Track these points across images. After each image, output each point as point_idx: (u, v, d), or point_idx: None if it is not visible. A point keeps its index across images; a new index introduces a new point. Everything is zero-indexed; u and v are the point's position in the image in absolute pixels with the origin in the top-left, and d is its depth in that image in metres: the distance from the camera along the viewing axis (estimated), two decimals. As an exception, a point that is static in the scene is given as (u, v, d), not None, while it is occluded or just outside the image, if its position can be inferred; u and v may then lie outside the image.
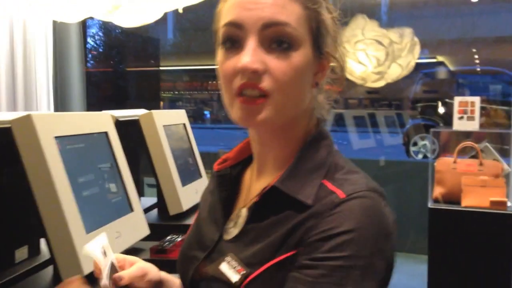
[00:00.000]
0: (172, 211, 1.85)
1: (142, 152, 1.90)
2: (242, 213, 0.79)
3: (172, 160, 1.88)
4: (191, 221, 1.86)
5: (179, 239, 1.54)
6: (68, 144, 1.27)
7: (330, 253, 0.66)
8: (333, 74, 0.81)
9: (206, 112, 11.76)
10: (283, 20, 0.70)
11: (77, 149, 1.31)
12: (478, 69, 10.10)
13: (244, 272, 0.71)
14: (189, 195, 1.95)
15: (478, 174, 2.79)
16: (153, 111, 1.87)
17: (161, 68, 10.60)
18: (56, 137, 1.21)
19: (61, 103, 3.89)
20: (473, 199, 2.74)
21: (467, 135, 3.08)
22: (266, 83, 0.70)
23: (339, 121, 6.92)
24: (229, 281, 0.72)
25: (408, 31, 4.11)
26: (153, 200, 2.12)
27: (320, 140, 0.79)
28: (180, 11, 1.83)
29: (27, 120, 1.15)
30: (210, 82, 11.58)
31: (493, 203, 2.68)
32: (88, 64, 8.40)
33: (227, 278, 0.72)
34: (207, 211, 0.88)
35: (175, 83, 11.75)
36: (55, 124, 1.24)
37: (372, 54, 4.19)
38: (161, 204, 1.92)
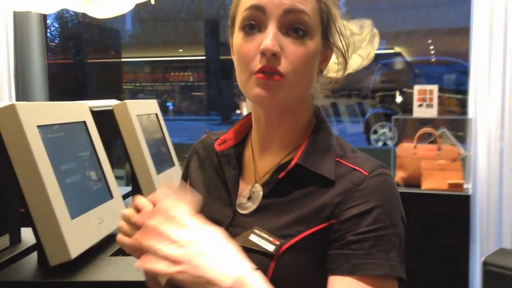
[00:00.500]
0: (148, 198, 1.89)
1: (112, 143, 1.92)
2: (256, 188, 0.84)
3: (146, 149, 1.91)
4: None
5: (158, 224, 1.58)
6: (49, 133, 1.29)
7: (371, 226, 0.74)
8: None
9: (169, 104, 11.68)
10: (302, 8, 0.76)
11: (58, 138, 1.34)
12: (433, 59, 10.42)
13: (279, 242, 0.76)
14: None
15: (436, 158, 2.93)
16: (126, 101, 1.89)
17: (122, 59, 10.45)
18: (39, 126, 1.24)
19: (22, 95, 3.83)
20: (432, 182, 2.88)
21: (425, 122, 3.23)
22: (283, 66, 0.76)
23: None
24: (264, 250, 0.76)
25: (367, 23, 4.22)
26: (126, 189, 2.15)
27: (323, 123, 0.87)
28: (153, 2, 1.86)
29: (11, 110, 1.18)
30: (172, 74, 11.51)
31: (451, 185, 2.84)
32: (46, 56, 8.19)
33: (261, 247, 0.76)
34: (206, 188, 0.91)
35: (136, 74, 11.63)
36: (37, 114, 1.26)
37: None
38: (136, 192, 1.96)
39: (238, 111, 10.81)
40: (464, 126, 3.14)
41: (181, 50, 11.93)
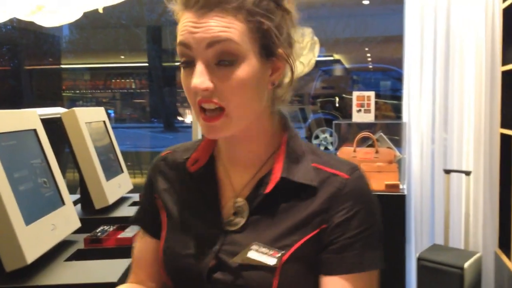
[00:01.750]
0: (98, 205, 1.91)
1: (60, 151, 1.93)
2: (240, 203, 0.85)
3: (95, 156, 1.93)
4: (116, 213, 1.94)
5: (111, 229, 1.62)
6: (2, 141, 1.31)
7: (360, 228, 0.80)
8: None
9: (110, 111, 11.47)
10: (225, 37, 0.75)
11: (11, 146, 1.35)
12: (370, 66, 10.84)
13: (279, 254, 0.78)
14: (113, 189, 2.02)
15: (374, 161, 3.10)
16: (75, 108, 1.91)
17: (61, 66, 10.18)
18: (-8, 135, 1.25)
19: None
20: (371, 183, 3.04)
21: (364, 126, 3.39)
22: (218, 99, 0.77)
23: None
24: (265, 265, 0.78)
25: (308, 31, 4.35)
26: (74, 196, 2.15)
27: (292, 131, 0.89)
28: (100, 11, 1.88)
29: (-36, 118, 1.19)
30: (113, 81, 11.31)
31: (388, 186, 3.01)
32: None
33: (263, 263, 0.78)
34: (186, 208, 0.89)
35: (76, 81, 11.35)
36: (-10, 122, 1.27)
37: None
38: (84, 199, 1.97)
39: (180, 118, 10.78)
40: (399, 130, 3.33)
41: (122, 57, 11.77)
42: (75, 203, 2.11)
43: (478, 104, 3.02)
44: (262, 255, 0.79)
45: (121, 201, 2.11)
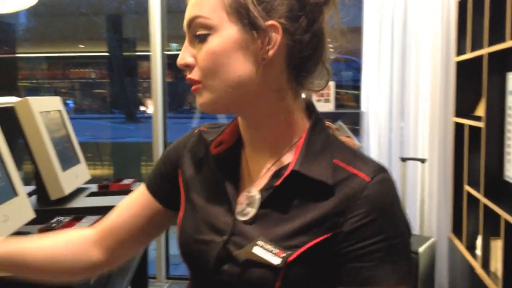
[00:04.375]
0: (54, 195, 1.87)
1: (13, 142, 1.88)
2: (253, 194, 0.81)
3: (51, 146, 1.89)
4: (73, 204, 1.91)
5: (66, 220, 1.59)
6: (-51, 130, 1.27)
7: (378, 236, 0.73)
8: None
9: (69, 102, 11.21)
10: (195, 14, 0.77)
11: (-41, 135, 1.31)
12: (332, 57, 10.95)
13: (284, 254, 0.73)
14: (70, 179, 1.98)
15: (334, 150, 3.15)
16: (28, 97, 1.86)
17: (16, 55, 9.87)
18: None
19: None
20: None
21: (325, 116, 3.43)
22: (193, 73, 0.79)
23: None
24: (269, 264, 0.73)
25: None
26: (30, 188, 2.10)
27: (319, 122, 0.83)
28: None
29: None
30: (72, 70, 11.06)
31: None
32: None
33: (266, 261, 0.74)
34: (202, 191, 0.87)
35: (33, 71, 11.03)
36: None
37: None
38: (40, 191, 1.93)
39: (142, 108, 10.64)
40: (358, 120, 3.39)
41: (81, 46, 11.50)
42: (30, 194, 2.06)
43: (434, 94, 3.10)
44: (267, 253, 0.74)
45: (78, 191, 2.08)
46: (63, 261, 0.95)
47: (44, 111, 1.95)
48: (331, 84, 3.37)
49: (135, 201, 0.96)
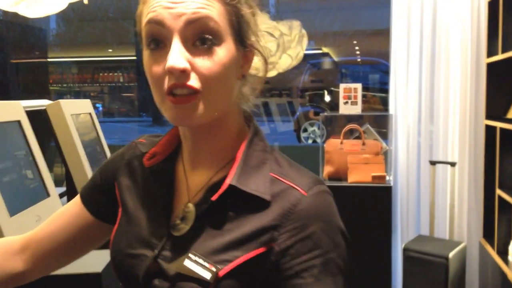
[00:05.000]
0: (84, 197, 1.91)
1: (45, 143, 1.92)
2: (189, 208, 0.78)
3: (81, 148, 1.93)
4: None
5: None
6: (-15, 132, 1.30)
7: (316, 251, 0.71)
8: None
9: (98, 105, 11.40)
10: (205, 14, 0.70)
11: (-6, 137, 1.35)
12: (359, 60, 10.88)
13: (215, 269, 0.71)
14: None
15: (361, 152, 3.12)
16: (60, 100, 1.90)
17: (48, 59, 10.10)
18: (-26, 126, 1.25)
19: None
20: (358, 175, 3.06)
21: (352, 118, 3.42)
22: (194, 81, 0.70)
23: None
24: (200, 277, 0.71)
25: (296, 24, 4.37)
26: (61, 189, 2.15)
27: (257, 134, 0.81)
28: (86, 2, 1.87)
29: None
30: (101, 74, 11.24)
31: (374, 177, 3.03)
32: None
33: (197, 274, 0.71)
34: (138, 205, 0.84)
35: (63, 75, 11.27)
36: (-28, 113, 1.27)
37: (264, 46, 4.41)
38: (70, 192, 1.97)
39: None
40: (386, 122, 3.35)
41: (110, 50, 11.70)
42: (61, 195, 2.10)
43: (464, 96, 3.05)
44: (197, 266, 0.72)
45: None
46: None
47: (75, 113, 1.99)
48: (358, 86, 3.34)
49: (66, 212, 0.92)
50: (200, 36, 0.70)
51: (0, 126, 1.40)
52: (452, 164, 2.99)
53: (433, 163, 3.05)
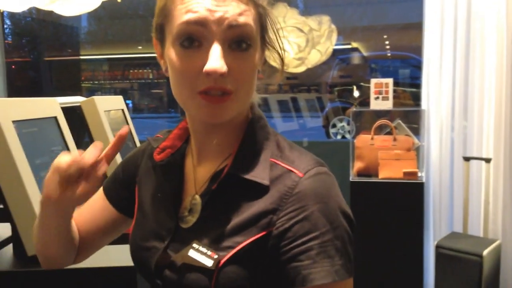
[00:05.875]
0: (118, 192, 1.94)
1: (79, 139, 1.95)
2: (196, 200, 0.81)
3: (114, 144, 1.95)
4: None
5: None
6: (24, 128, 1.33)
7: (313, 233, 0.71)
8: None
9: (128, 102, 11.56)
10: (245, 21, 0.72)
11: (32, 133, 1.38)
12: (389, 54, 10.73)
13: (217, 256, 0.73)
14: (132, 177, 2.04)
15: (392, 148, 3.08)
16: (94, 97, 1.93)
17: (80, 57, 10.29)
18: (14, 121, 1.28)
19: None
20: (389, 171, 3.03)
21: (381, 114, 3.37)
22: (230, 84, 0.72)
23: (263, 105, 7.13)
24: (203, 266, 0.73)
25: (325, 19, 4.34)
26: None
27: (258, 122, 0.82)
28: (119, 0, 1.90)
29: (-14, 106, 1.21)
30: (131, 71, 11.39)
31: (406, 173, 2.99)
32: None
33: (200, 263, 0.73)
34: (150, 199, 0.88)
35: (94, 72, 11.46)
36: (12, 109, 1.30)
37: (293, 41, 4.39)
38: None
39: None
40: (418, 118, 3.30)
41: (140, 47, 11.84)
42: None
43: (499, 90, 2.97)
44: (201, 255, 0.74)
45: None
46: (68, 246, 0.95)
47: (108, 109, 2.02)
48: (389, 81, 3.29)
49: (93, 205, 0.97)
50: (237, 40, 0.73)
51: (38, 122, 1.43)
52: (487, 160, 2.92)
53: (467, 159, 2.98)
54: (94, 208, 0.97)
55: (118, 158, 2.12)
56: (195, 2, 0.72)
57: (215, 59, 0.70)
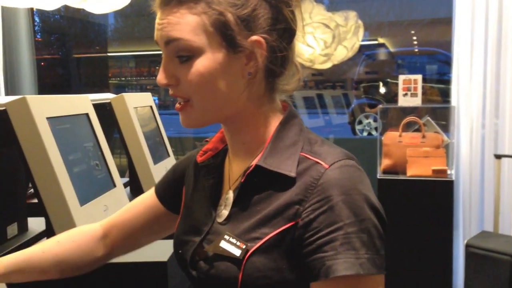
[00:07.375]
0: (146, 187, 1.95)
1: (109, 135, 1.98)
2: (229, 195, 0.85)
3: (143, 140, 1.98)
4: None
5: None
6: (57, 124, 1.35)
7: (337, 224, 0.71)
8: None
9: (154, 98, 11.68)
10: (176, 36, 0.77)
11: (65, 129, 1.40)
12: (416, 50, 10.57)
13: (245, 246, 0.76)
14: (160, 172, 2.05)
15: (421, 146, 3.04)
16: (124, 94, 1.95)
17: (108, 54, 10.41)
18: (48, 118, 1.30)
19: (11, 90, 3.85)
20: (417, 169, 2.99)
21: (409, 111, 3.33)
22: (181, 92, 0.80)
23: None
24: (232, 255, 0.76)
25: (352, 14, 4.30)
26: (123, 179, 2.21)
27: (291, 119, 0.84)
28: (148, -3, 1.90)
29: (22, 103, 1.23)
30: (157, 68, 11.48)
31: (435, 171, 2.95)
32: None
33: (229, 253, 0.77)
34: (193, 198, 0.94)
35: (121, 69, 11.59)
36: (46, 106, 1.32)
37: (320, 37, 4.35)
38: (133, 183, 2.02)
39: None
40: (447, 115, 3.24)
41: (166, 44, 11.90)
42: (124, 185, 2.17)
43: (532, 87, 2.90)
44: (231, 246, 0.78)
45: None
46: (69, 259, 1.01)
47: (137, 106, 2.04)
48: (418, 77, 3.25)
49: (141, 202, 1.04)
50: (177, 54, 0.78)
51: (70, 118, 1.45)
52: (519, 158, 2.86)
53: (498, 156, 2.92)
54: (143, 206, 1.03)
55: (172, 160, 2.16)
56: (157, 20, 0.81)
57: (159, 72, 0.80)
